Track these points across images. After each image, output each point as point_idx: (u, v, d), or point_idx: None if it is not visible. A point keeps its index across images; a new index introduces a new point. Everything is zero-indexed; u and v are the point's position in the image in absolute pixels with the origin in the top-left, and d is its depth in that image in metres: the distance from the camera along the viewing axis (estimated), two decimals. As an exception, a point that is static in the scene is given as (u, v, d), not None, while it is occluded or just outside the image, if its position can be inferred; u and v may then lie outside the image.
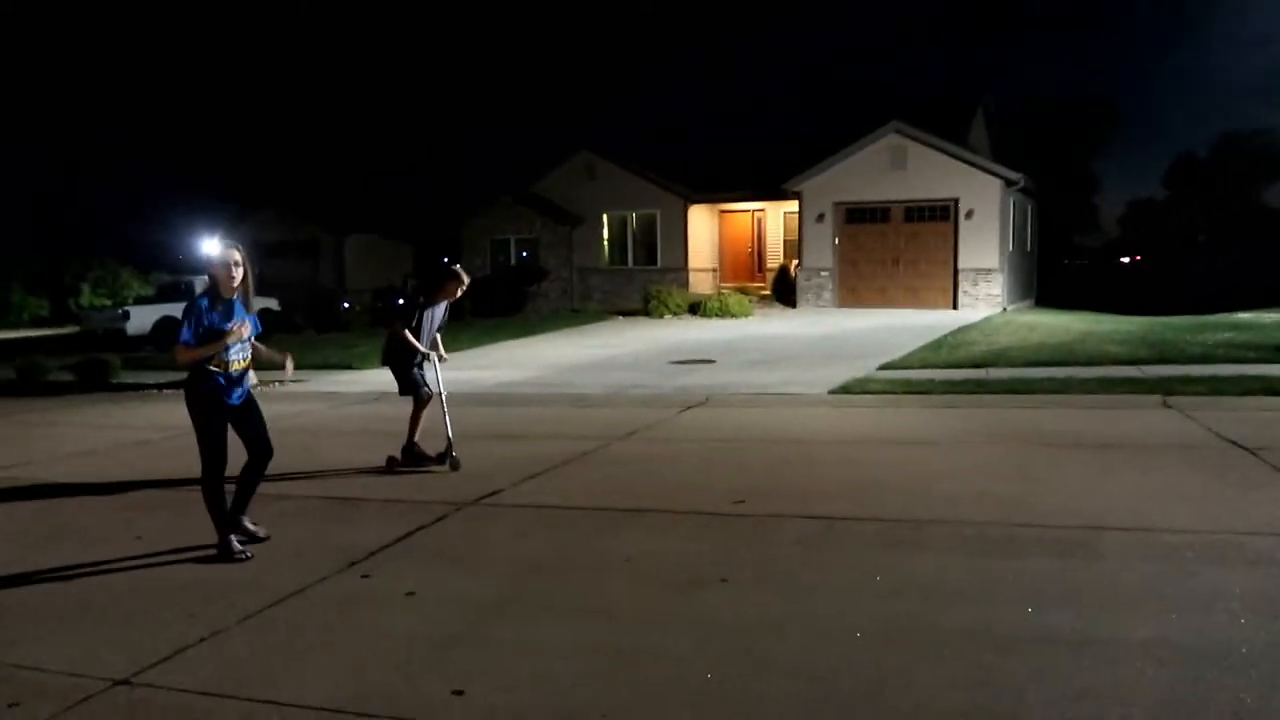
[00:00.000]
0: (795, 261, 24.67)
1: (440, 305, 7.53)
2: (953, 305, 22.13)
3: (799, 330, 18.27)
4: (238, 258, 5.16)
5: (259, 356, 5.47)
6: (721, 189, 26.36)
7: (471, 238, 28.82)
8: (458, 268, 7.60)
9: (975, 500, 5.74)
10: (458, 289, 7.48)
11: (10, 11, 40.75)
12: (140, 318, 22.32)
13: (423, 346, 7.34)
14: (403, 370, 7.42)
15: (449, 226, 29.83)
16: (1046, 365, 11.35)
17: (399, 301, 8.02)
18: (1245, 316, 17.62)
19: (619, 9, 62.46)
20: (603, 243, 27.83)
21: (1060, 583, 4.28)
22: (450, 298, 7.54)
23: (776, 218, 27.34)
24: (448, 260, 25.75)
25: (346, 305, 25.68)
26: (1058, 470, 6.46)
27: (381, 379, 10.41)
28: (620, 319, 23.14)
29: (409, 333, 7.27)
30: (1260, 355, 11.19)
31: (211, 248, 5.32)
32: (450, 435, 7.23)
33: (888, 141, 22.68)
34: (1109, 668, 3.41)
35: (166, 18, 54.11)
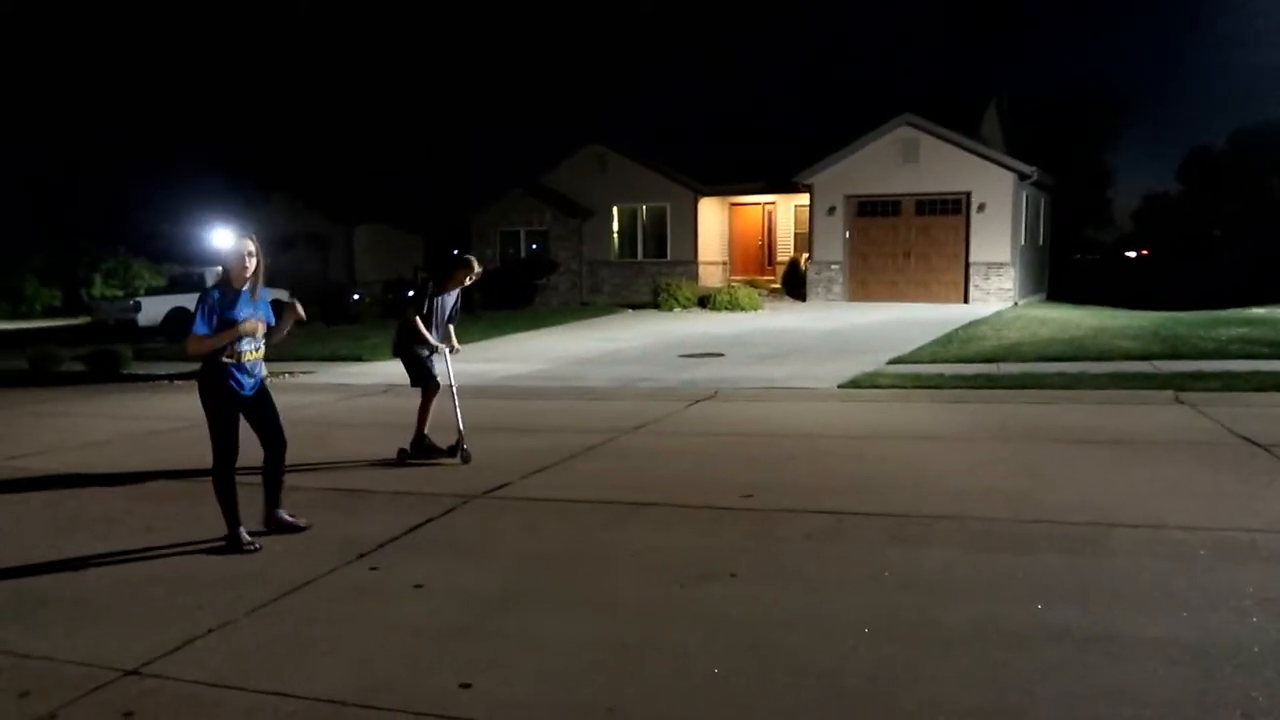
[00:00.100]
0: (805, 255, 24.58)
1: (451, 294, 7.52)
2: (963, 299, 22.02)
3: (808, 324, 18.23)
4: (251, 248, 5.18)
5: (279, 338, 5.43)
6: (732, 182, 26.26)
7: (481, 230, 28.79)
8: (469, 256, 7.60)
9: (984, 496, 5.71)
10: (467, 277, 7.45)
11: (22, 1, 40.94)
12: (152, 308, 22.40)
13: (433, 336, 7.35)
14: (414, 361, 7.42)
15: (458, 218, 29.82)
16: (1057, 360, 11.29)
17: (409, 293, 8.01)
18: (1259, 312, 17.49)
19: (622, 7, 62.37)
20: (612, 235, 27.78)
21: (1070, 579, 4.26)
22: (460, 286, 7.54)
23: (787, 211, 27.24)
24: (458, 251, 25.79)
25: (356, 297, 25.72)
26: (1068, 466, 6.43)
27: (391, 371, 10.44)
28: (629, 312, 23.13)
29: (420, 320, 7.27)
30: (1274, 351, 11.10)
31: (224, 239, 5.31)
32: (461, 428, 7.24)
33: (899, 134, 22.56)
34: (1119, 665, 3.39)
35: (177, 8, 54.27)
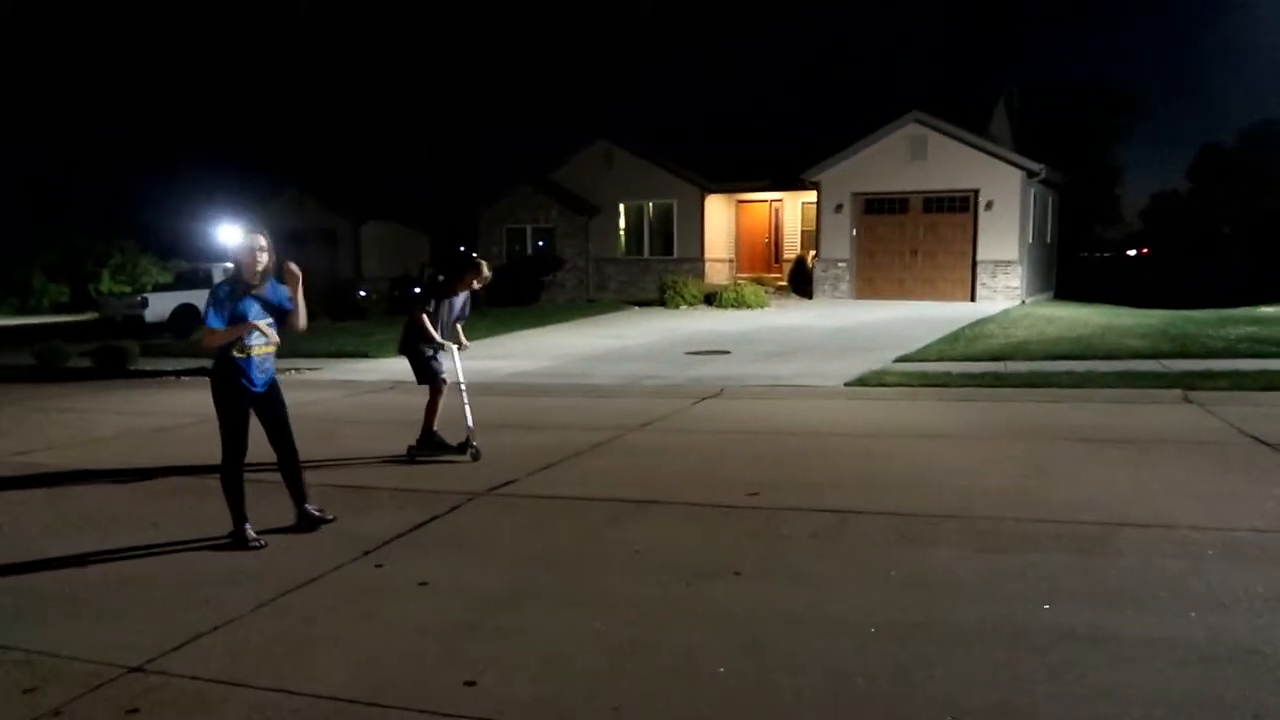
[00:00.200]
0: (812, 252, 24.54)
1: (459, 296, 7.49)
2: (971, 297, 21.97)
3: (815, 321, 18.19)
4: (262, 243, 5.20)
5: (300, 308, 5.39)
6: (739, 179, 26.22)
7: (488, 227, 28.79)
8: (478, 258, 7.57)
9: (991, 495, 5.69)
10: (476, 279, 7.42)
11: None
12: (158, 305, 22.44)
13: (439, 336, 7.34)
14: (419, 358, 7.42)
15: (465, 215, 29.81)
16: (1065, 359, 11.25)
17: (416, 291, 7.99)
18: (1269, 310, 17.40)
19: (623, 7, 62.29)
20: (619, 232, 27.75)
21: (1077, 579, 4.24)
22: (470, 288, 7.51)
23: (794, 208, 27.20)
24: (464, 249, 25.77)
25: (363, 294, 25.76)
26: (1075, 465, 6.40)
27: (397, 368, 10.44)
28: (636, 309, 23.12)
29: (426, 318, 7.27)
30: (1284, 350, 11.05)
31: (233, 234, 5.31)
32: (471, 425, 7.24)
33: (907, 131, 22.50)
34: (1127, 666, 3.37)
35: (186, 6, 54.37)
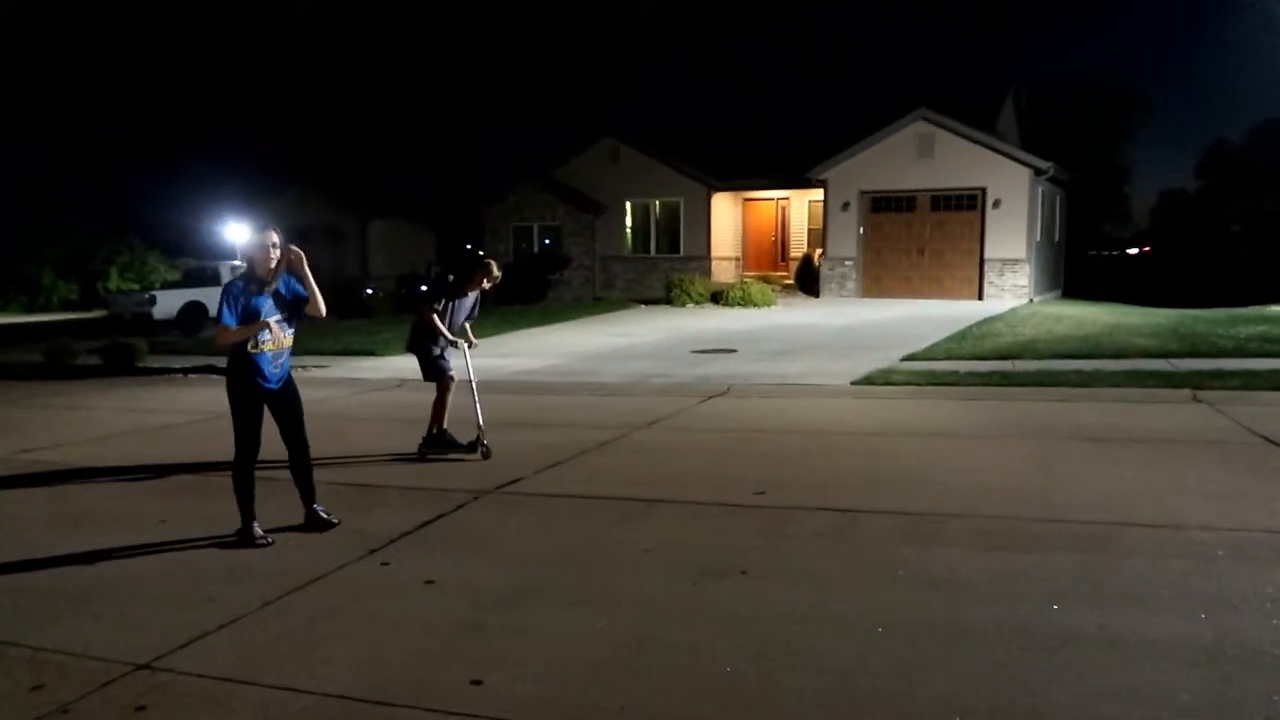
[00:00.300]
0: (819, 250, 24.49)
1: (468, 297, 7.51)
2: (978, 296, 21.89)
3: (822, 320, 18.16)
4: (275, 239, 5.22)
5: (313, 292, 5.36)
6: (745, 177, 26.18)
7: (494, 225, 28.79)
8: (487, 258, 7.57)
9: (999, 494, 5.67)
10: (485, 279, 7.43)
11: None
12: (166, 302, 22.49)
13: (448, 333, 7.35)
14: (427, 356, 7.43)
15: (472, 213, 29.82)
16: (1073, 358, 11.20)
17: (423, 289, 7.99)
18: (1279, 309, 17.31)
19: (624, 7, 62.25)
20: (625, 230, 27.73)
21: (1085, 580, 4.22)
22: (478, 289, 7.52)
23: (801, 206, 27.14)
24: (471, 247, 25.76)
25: (369, 291, 25.78)
26: (1084, 465, 6.37)
27: (404, 366, 10.45)
28: (642, 307, 23.10)
29: (435, 317, 7.27)
30: (1293, 349, 10.98)
31: (241, 232, 5.31)
32: (481, 423, 7.25)
33: (915, 129, 22.42)
34: (1135, 667, 3.35)
35: (194, 4, 54.49)
